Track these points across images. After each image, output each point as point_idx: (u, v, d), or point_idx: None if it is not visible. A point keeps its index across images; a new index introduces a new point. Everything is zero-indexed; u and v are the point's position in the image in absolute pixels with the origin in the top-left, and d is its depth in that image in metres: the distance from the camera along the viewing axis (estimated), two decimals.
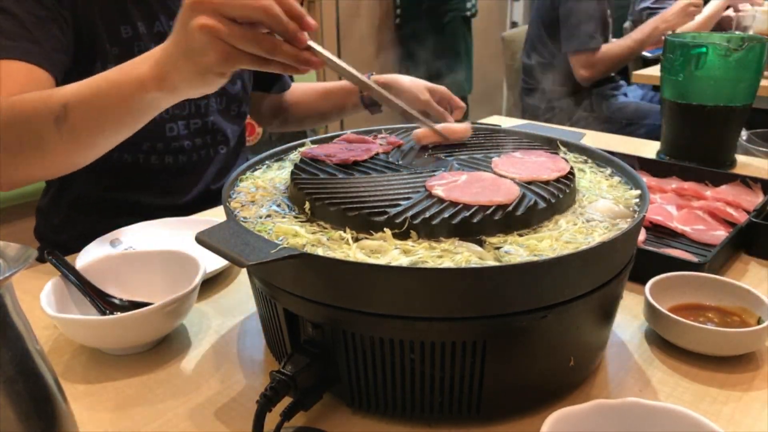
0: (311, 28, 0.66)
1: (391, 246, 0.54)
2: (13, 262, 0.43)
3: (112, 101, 0.79)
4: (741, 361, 0.66)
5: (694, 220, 0.94)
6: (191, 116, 1.16)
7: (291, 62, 0.66)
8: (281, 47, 0.64)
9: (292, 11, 0.64)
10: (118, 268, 0.76)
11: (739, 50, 1.14)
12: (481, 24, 3.81)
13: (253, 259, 0.50)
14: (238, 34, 0.63)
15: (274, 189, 0.69)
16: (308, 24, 0.65)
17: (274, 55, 0.65)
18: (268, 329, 0.65)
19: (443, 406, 0.56)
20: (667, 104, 1.25)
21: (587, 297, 0.55)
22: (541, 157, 0.71)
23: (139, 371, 0.66)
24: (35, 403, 0.44)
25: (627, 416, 0.50)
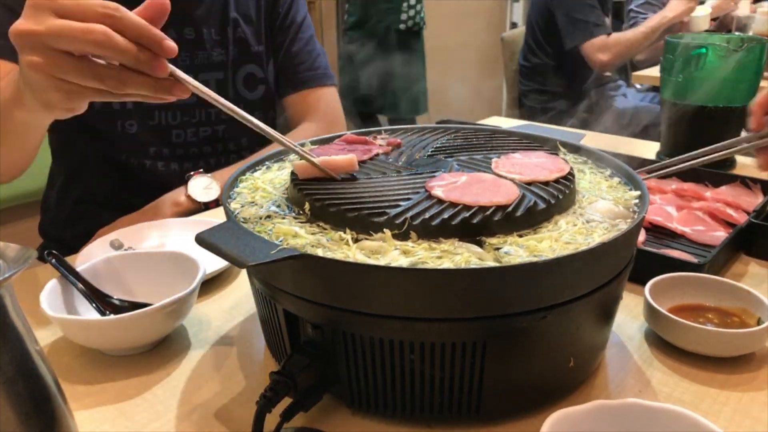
0: (170, 53, 0.55)
1: (390, 247, 0.54)
2: (14, 262, 0.43)
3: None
4: (741, 361, 0.66)
5: (693, 220, 0.94)
6: (201, 124, 1.16)
7: (147, 92, 0.56)
8: (129, 80, 0.55)
9: (143, 36, 0.54)
10: (118, 268, 0.76)
11: (738, 51, 1.14)
12: (480, 24, 3.81)
13: (253, 260, 0.50)
14: (74, 69, 0.54)
15: (274, 190, 0.69)
16: (167, 49, 0.55)
17: (124, 90, 0.56)
18: (268, 330, 0.65)
19: (443, 406, 0.56)
20: (667, 105, 1.25)
21: (587, 298, 0.55)
22: (541, 158, 0.71)
23: (138, 372, 0.66)
24: (35, 403, 0.44)
25: (627, 417, 0.50)
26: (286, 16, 1.26)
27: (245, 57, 1.21)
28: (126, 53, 0.53)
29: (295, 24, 1.26)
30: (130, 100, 0.58)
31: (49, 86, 0.56)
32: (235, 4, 1.19)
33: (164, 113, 1.13)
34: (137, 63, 0.54)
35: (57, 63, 0.54)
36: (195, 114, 1.15)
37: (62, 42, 0.53)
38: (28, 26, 0.54)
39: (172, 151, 1.15)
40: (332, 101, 1.30)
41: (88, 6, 0.54)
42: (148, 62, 0.54)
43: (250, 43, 1.21)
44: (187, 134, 1.15)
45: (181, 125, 1.14)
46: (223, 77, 1.18)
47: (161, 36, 0.54)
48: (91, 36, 0.52)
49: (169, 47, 0.54)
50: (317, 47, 1.30)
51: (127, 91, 0.56)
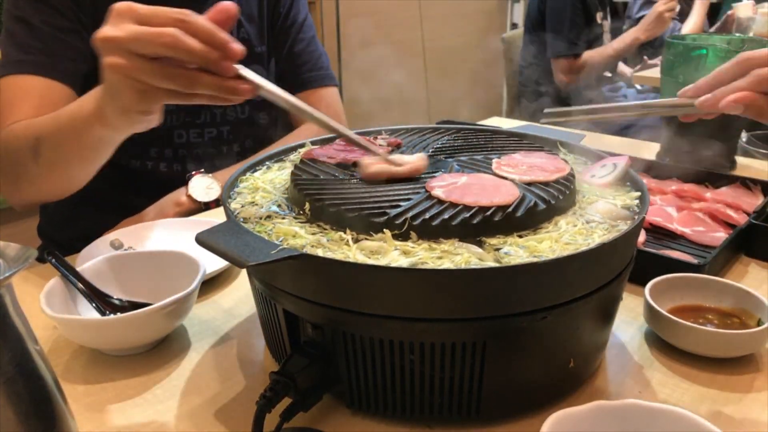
0: (237, 55, 0.59)
1: (391, 247, 0.54)
2: (13, 262, 0.43)
3: (70, 136, 0.80)
4: (741, 362, 0.66)
5: (694, 221, 0.94)
6: (206, 125, 1.16)
7: (215, 92, 0.60)
8: (200, 80, 0.59)
9: (211, 39, 0.58)
10: (118, 268, 0.76)
11: (739, 52, 1.14)
12: (481, 25, 3.81)
13: (253, 260, 0.50)
14: (148, 70, 0.59)
15: (274, 190, 0.69)
16: (233, 52, 0.59)
17: (194, 89, 0.60)
18: (268, 330, 0.65)
19: (443, 407, 0.56)
20: None
21: (587, 298, 0.55)
22: (541, 159, 0.71)
23: (138, 372, 0.66)
24: (35, 403, 0.44)
25: (627, 417, 0.50)
26: (287, 17, 1.25)
27: (249, 57, 1.20)
28: (194, 53, 0.57)
29: (296, 24, 1.26)
30: (197, 101, 0.62)
31: (125, 86, 0.61)
32: (237, 4, 1.19)
33: (168, 115, 1.12)
34: (206, 63, 0.58)
35: (133, 65, 0.59)
36: (200, 115, 1.15)
37: (138, 45, 0.58)
38: (110, 33, 0.59)
39: (175, 152, 1.15)
40: (334, 102, 1.30)
41: (163, 12, 0.58)
42: (215, 62, 0.58)
43: (253, 44, 1.21)
44: (190, 135, 1.15)
45: (183, 125, 1.14)
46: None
47: (227, 39, 0.58)
48: (161, 39, 0.57)
49: (234, 49, 0.58)
50: (319, 48, 1.30)
51: (196, 90, 0.60)
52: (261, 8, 1.23)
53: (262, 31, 1.23)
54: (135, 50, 0.58)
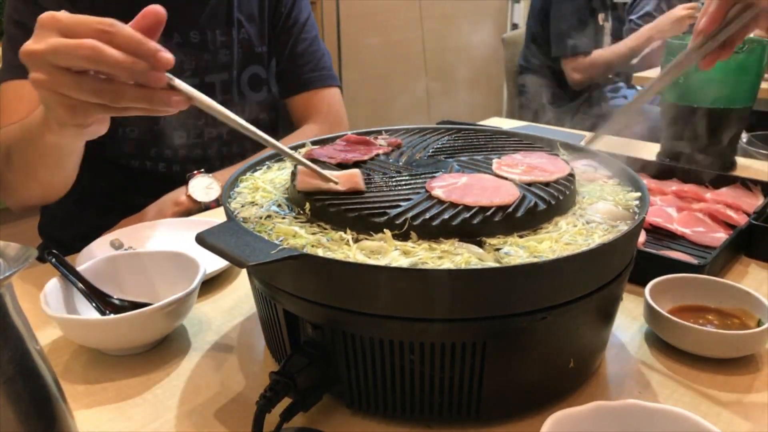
0: (165, 65, 0.55)
1: (391, 247, 0.54)
2: (14, 261, 0.43)
3: (29, 144, 0.79)
4: (741, 363, 0.66)
5: (694, 222, 0.94)
6: (206, 125, 1.16)
7: (146, 105, 0.57)
8: (126, 93, 0.56)
9: (138, 49, 0.54)
10: (118, 268, 0.76)
11: (739, 52, 1.14)
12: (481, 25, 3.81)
13: (253, 260, 0.50)
14: (71, 85, 0.56)
15: (274, 189, 0.69)
16: (162, 60, 0.55)
17: (121, 102, 0.57)
18: (268, 330, 0.65)
19: (443, 407, 0.56)
20: (668, 106, 1.25)
21: (587, 298, 0.55)
22: (541, 159, 0.71)
23: (138, 372, 0.66)
24: (35, 403, 0.44)
25: (627, 418, 0.50)
26: (288, 16, 1.25)
27: (249, 58, 1.21)
28: (117, 66, 0.54)
29: (298, 24, 1.26)
30: (131, 114, 0.59)
31: (54, 102, 0.59)
32: (238, 4, 1.19)
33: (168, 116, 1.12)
34: (131, 75, 0.55)
35: (57, 79, 0.56)
36: (200, 116, 1.15)
37: (58, 58, 0.55)
38: (33, 46, 0.57)
39: (175, 152, 1.15)
40: (336, 102, 1.30)
41: (86, 22, 0.55)
42: (143, 73, 0.55)
43: (254, 44, 1.21)
44: (191, 136, 1.15)
45: (184, 127, 1.14)
46: (228, 78, 1.18)
47: (155, 48, 0.55)
48: (80, 51, 0.54)
49: (163, 59, 0.55)
50: (321, 47, 1.30)
51: (124, 103, 0.57)
52: (262, 8, 1.23)
53: (263, 31, 1.23)
54: (56, 63, 0.56)
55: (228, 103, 1.18)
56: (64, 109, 0.59)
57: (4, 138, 0.87)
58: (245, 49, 1.20)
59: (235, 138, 1.20)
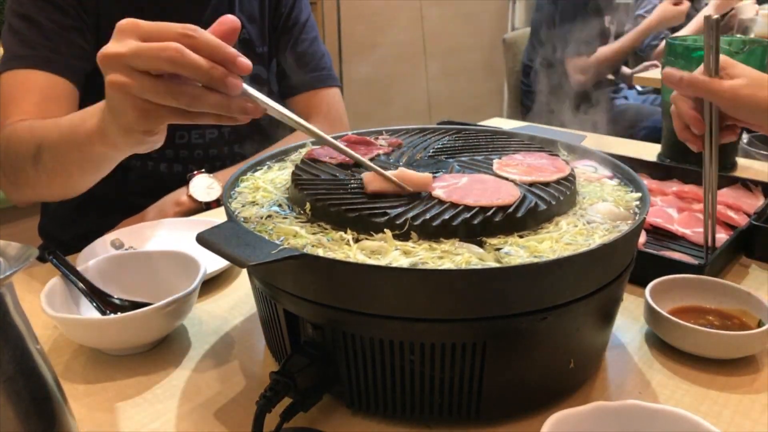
0: (244, 71, 0.56)
1: (391, 247, 0.54)
2: (14, 261, 0.43)
3: (71, 148, 0.78)
4: (741, 363, 0.66)
5: (694, 222, 0.94)
6: (207, 126, 1.16)
7: (222, 111, 0.57)
8: (204, 98, 0.56)
9: (218, 54, 0.55)
10: (119, 268, 0.76)
11: (740, 53, 1.14)
12: (482, 26, 3.81)
13: (253, 260, 0.50)
14: (151, 88, 0.56)
15: (274, 189, 0.69)
16: (241, 66, 0.56)
17: (198, 107, 0.57)
18: (268, 330, 0.65)
19: (443, 407, 0.56)
20: (668, 107, 1.25)
21: (587, 299, 0.55)
22: (542, 159, 0.71)
23: (139, 371, 0.66)
24: (35, 402, 0.44)
25: (627, 418, 0.50)
26: (288, 17, 1.25)
27: (251, 58, 1.20)
28: (199, 69, 0.54)
29: (298, 24, 1.26)
30: (203, 121, 0.59)
31: (127, 105, 0.58)
32: (239, 5, 1.19)
33: None
34: (211, 79, 0.55)
35: (135, 82, 0.56)
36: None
37: (140, 61, 0.55)
38: (113, 49, 0.56)
39: (176, 152, 1.15)
40: (336, 102, 1.30)
41: (168, 28, 0.56)
42: (221, 79, 0.55)
43: (255, 44, 1.21)
44: (192, 136, 1.15)
45: (185, 127, 1.13)
46: None
47: (235, 53, 0.56)
48: (164, 53, 0.54)
49: (242, 64, 0.56)
50: (321, 48, 1.30)
51: (201, 108, 0.57)
52: (262, 8, 1.23)
53: (264, 32, 1.23)
54: (137, 66, 0.56)
55: None
56: (138, 113, 0.58)
57: (35, 136, 0.85)
58: (246, 50, 1.20)
59: (237, 138, 1.20)
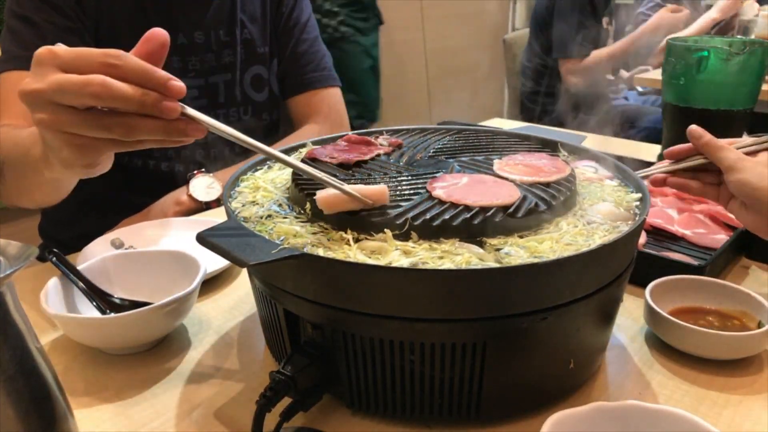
0: (177, 94, 0.52)
1: (391, 247, 0.54)
2: (14, 260, 0.43)
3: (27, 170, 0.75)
4: (741, 364, 0.66)
5: (694, 223, 0.94)
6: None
7: (162, 137, 0.53)
8: (139, 126, 0.52)
9: (147, 79, 0.51)
10: (119, 267, 0.76)
11: (740, 54, 1.14)
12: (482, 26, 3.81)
13: (254, 259, 0.50)
14: (80, 123, 0.52)
15: (275, 189, 0.69)
16: (173, 89, 0.51)
17: (134, 136, 0.53)
18: (268, 330, 0.65)
19: (443, 407, 0.56)
20: (669, 108, 1.25)
21: (588, 299, 0.55)
22: (542, 160, 0.71)
23: (138, 371, 0.66)
24: (35, 401, 0.44)
25: (627, 419, 0.50)
26: (289, 17, 1.26)
27: (252, 58, 1.21)
28: (128, 100, 0.51)
29: (299, 25, 1.26)
30: (145, 147, 0.55)
31: (61, 142, 0.55)
32: (241, 5, 1.19)
33: None
34: (143, 107, 0.51)
35: (63, 118, 0.53)
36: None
37: (64, 97, 0.51)
38: (33, 86, 0.52)
39: (177, 152, 1.15)
40: (336, 102, 1.30)
41: (89, 56, 0.52)
42: (155, 105, 0.51)
43: (256, 44, 1.21)
44: None
45: None
46: (231, 78, 1.18)
47: (166, 77, 0.52)
48: (89, 89, 0.50)
49: (175, 87, 0.52)
50: (322, 48, 1.30)
51: (138, 137, 0.53)
52: (264, 8, 1.23)
53: (265, 32, 1.23)
54: (61, 102, 0.52)
55: (231, 103, 1.18)
56: (71, 149, 0.55)
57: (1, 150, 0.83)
58: (248, 50, 1.20)
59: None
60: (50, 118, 0.53)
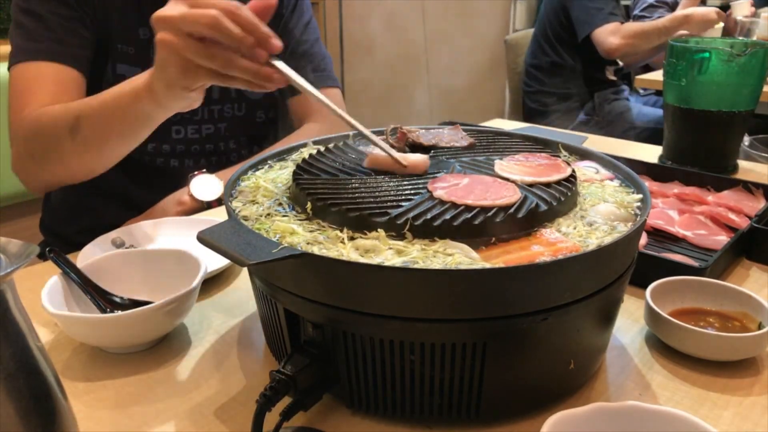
0: (274, 50, 0.66)
1: (384, 246, 0.54)
2: (15, 258, 0.43)
3: (113, 112, 0.85)
4: (741, 366, 0.66)
5: (695, 224, 0.94)
6: (203, 121, 1.17)
7: (250, 77, 0.66)
8: (236, 62, 0.65)
9: (253, 30, 0.65)
10: (120, 266, 0.76)
11: (742, 56, 1.14)
12: (483, 27, 3.81)
13: (254, 259, 0.50)
14: (192, 48, 0.65)
15: (275, 188, 0.69)
16: (272, 46, 0.66)
17: (229, 70, 0.66)
18: (269, 329, 0.65)
19: (443, 407, 0.56)
20: (670, 109, 1.25)
21: (588, 300, 0.55)
22: (543, 160, 0.71)
23: (139, 370, 0.66)
24: (35, 400, 0.44)
25: (627, 419, 0.50)
26: (289, 18, 1.26)
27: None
28: (232, 36, 0.64)
29: (299, 26, 1.26)
30: (235, 85, 0.68)
31: (170, 61, 0.68)
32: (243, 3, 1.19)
33: None
34: (241, 46, 0.64)
35: (179, 41, 0.66)
36: (197, 111, 1.15)
37: (184, 24, 0.65)
38: (165, 12, 0.67)
39: (173, 147, 1.15)
40: (336, 102, 1.30)
41: (216, 1, 0.65)
42: (250, 47, 0.65)
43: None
44: (188, 131, 1.16)
45: (181, 121, 1.14)
46: None
47: (269, 33, 0.66)
48: (204, 18, 0.64)
49: (274, 45, 0.66)
50: (322, 50, 1.30)
51: (233, 71, 0.66)
52: None
53: None
54: (182, 28, 0.65)
55: (225, 99, 1.18)
56: (178, 69, 0.68)
57: (73, 109, 0.91)
58: None
59: (233, 134, 1.20)
60: (170, 39, 0.66)
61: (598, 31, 2.43)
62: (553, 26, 2.58)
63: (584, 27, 2.46)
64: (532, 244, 0.56)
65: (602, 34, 2.42)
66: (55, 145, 0.94)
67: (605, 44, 2.42)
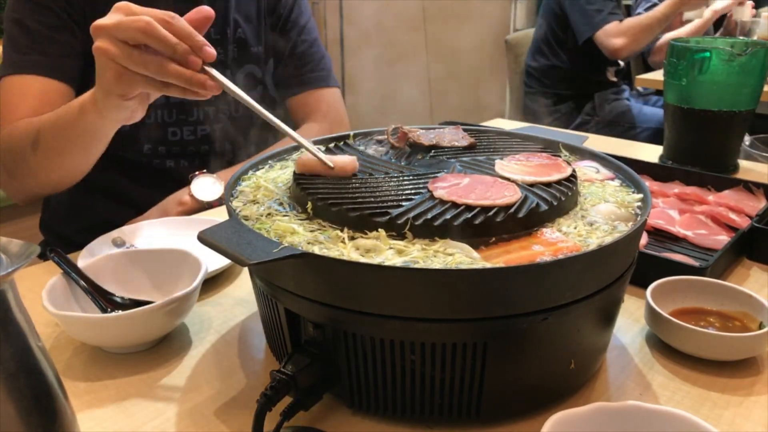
0: (209, 57, 0.67)
1: (385, 246, 0.54)
2: (16, 258, 0.43)
3: (65, 125, 0.86)
4: (742, 365, 0.66)
5: (696, 224, 0.94)
6: (199, 122, 1.17)
7: (184, 84, 0.67)
8: (169, 68, 0.66)
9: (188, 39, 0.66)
10: (120, 266, 0.76)
11: (742, 55, 1.14)
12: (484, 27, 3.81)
13: (255, 259, 0.50)
14: (126, 54, 0.67)
15: (276, 188, 0.69)
16: (207, 53, 0.67)
17: (163, 76, 0.67)
18: (269, 329, 0.65)
19: (443, 407, 0.56)
20: (671, 109, 1.25)
21: (588, 300, 0.55)
22: (544, 160, 0.71)
23: (139, 370, 0.66)
24: (36, 399, 0.44)
25: (627, 419, 0.50)
26: (288, 19, 1.26)
27: (245, 57, 1.21)
28: (165, 42, 0.65)
29: (297, 26, 1.27)
30: (170, 93, 0.69)
31: (106, 68, 0.69)
32: (236, 4, 1.19)
33: (160, 111, 1.13)
34: (175, 53, 0.65)
35: (114, 49, 0.67)
36: (192, 112, 1.15)
37: (120, 32, 0.66)
38: (102, 22, 0.68)
39: (169, 149, 1.16)
40: (335, 102, 1.30)
41: (152, 11, 0.67)
42: (184, 53, 0.66)
43: (249, 44, 1.21)
44: (184, 132, 1.16)
45: (177, 123, 1.14)
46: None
47: (202, 42, 0.67)
48: (137, 23, 0.65)
49: (208, 53, 0.67)
50: (321, 50, 1.30)
51: (166, 78, 0.66)
52: (259, 9, 1.23)
53: (260, 32, 1.24)
54: (117, 36, 0.66)
55: (221, 99, 1.18)
56: (113, 76, 0.69)
57: (34, 124, 0.92)
58: (241, 49, 1.20)
59: (228, 135, 1.21)
60: (106, 46, 0.67)
61: (600, 32, 2.41)
62: (552, 29, 2.58)
63: (585, 30, 2.45)
64: (533, 243, 0.56)
65: (605, 35, 2.41)
66: (20, 159, 0.95)
67: (610, 46, 2.40)
